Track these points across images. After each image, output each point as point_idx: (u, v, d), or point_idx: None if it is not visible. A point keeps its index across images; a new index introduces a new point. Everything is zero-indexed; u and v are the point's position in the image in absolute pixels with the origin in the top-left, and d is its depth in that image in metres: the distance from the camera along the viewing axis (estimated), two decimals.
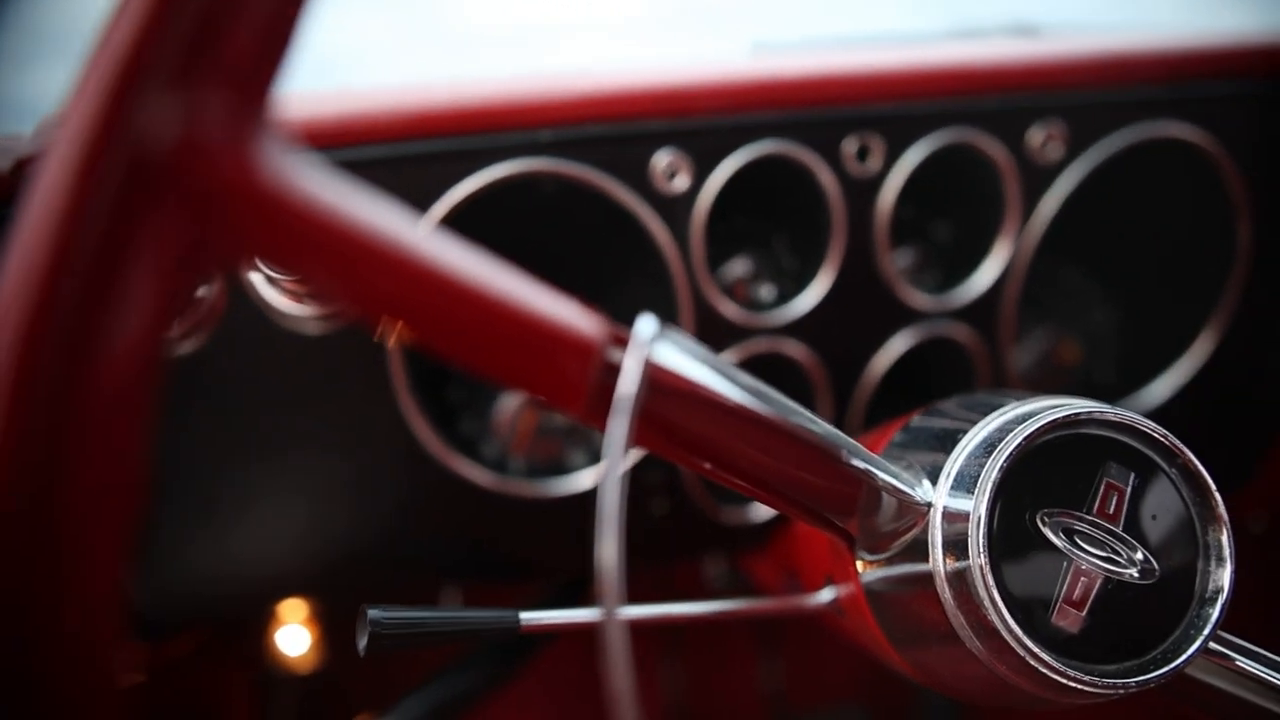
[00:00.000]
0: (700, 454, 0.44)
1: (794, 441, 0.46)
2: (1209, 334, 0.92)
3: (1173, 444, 0.50)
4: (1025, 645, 0.47)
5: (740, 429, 0.43)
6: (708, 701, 1.38)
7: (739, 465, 0.45)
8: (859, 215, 0.81)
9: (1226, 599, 0.49)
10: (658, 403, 0.41)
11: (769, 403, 0.46)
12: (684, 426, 0.42)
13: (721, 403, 0.42)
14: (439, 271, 0.35)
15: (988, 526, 0.49)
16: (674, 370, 0.41)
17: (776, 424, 0.45)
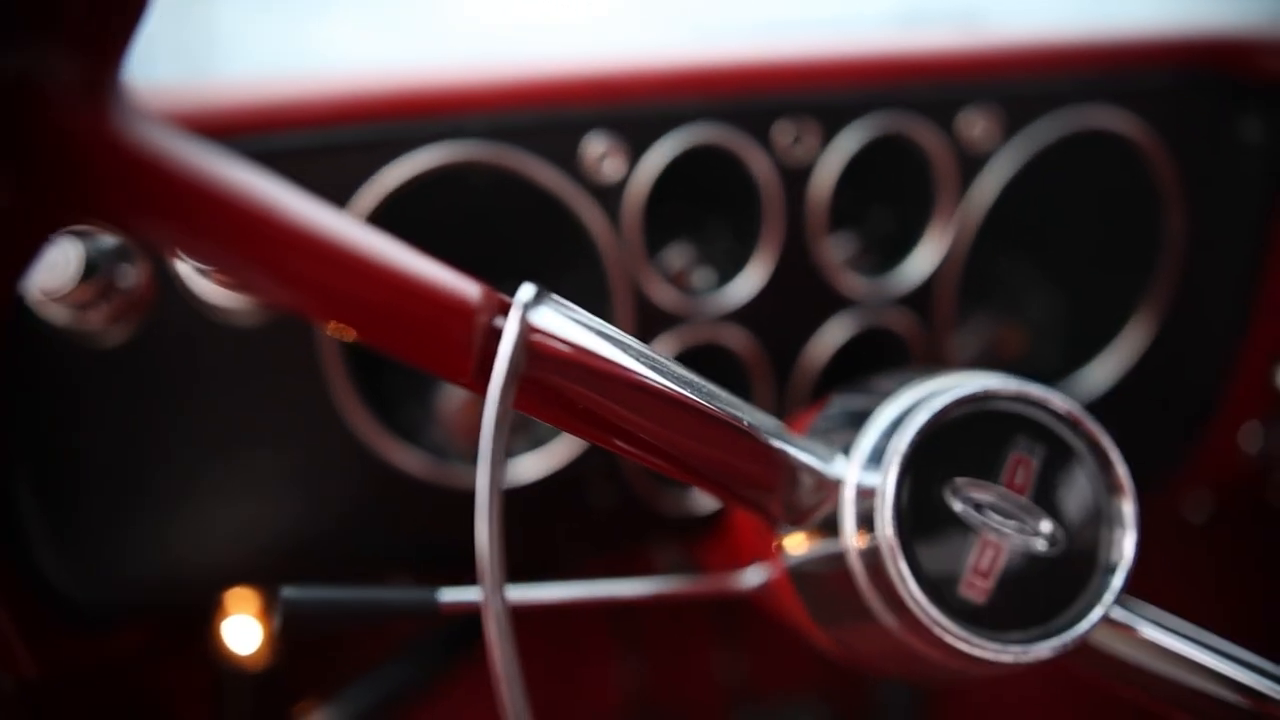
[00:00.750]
0: (594, 424, 0.44)
1: (696, 414, 0.46)
2: (1148, 320, 0.92)
3: (1077, 416, 0.51)
4: (932, 616, 0.48)
5: (634, 399, 0.43)
6: (668, 692, 1.38)
7: (638, 437, 0.45)
8: (794, 202, 0.81)
9: (1129, 567, 0.50)
10: (542, 369, 0.40)
11: (667, 374, 0.46)
12: (573, 394, 0.42)
13: (611, 370, 0.42)
14: (308, 231, 0.35)
15: (896, 501, 0.49)
16: (560, 335, 0.41)
17: (674, 395, 0.45)
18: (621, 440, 0.46)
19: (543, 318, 0.41)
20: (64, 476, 0.76)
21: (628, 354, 0.44)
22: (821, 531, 0.52)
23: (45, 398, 0.74)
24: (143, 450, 0.78)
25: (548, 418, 0.43)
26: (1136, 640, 0.52)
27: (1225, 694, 0.50)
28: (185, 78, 0.78)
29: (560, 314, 0.41)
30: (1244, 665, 0.50)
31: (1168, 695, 0.52)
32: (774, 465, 0.51)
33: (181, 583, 0.87)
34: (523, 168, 0.74)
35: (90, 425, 0.76)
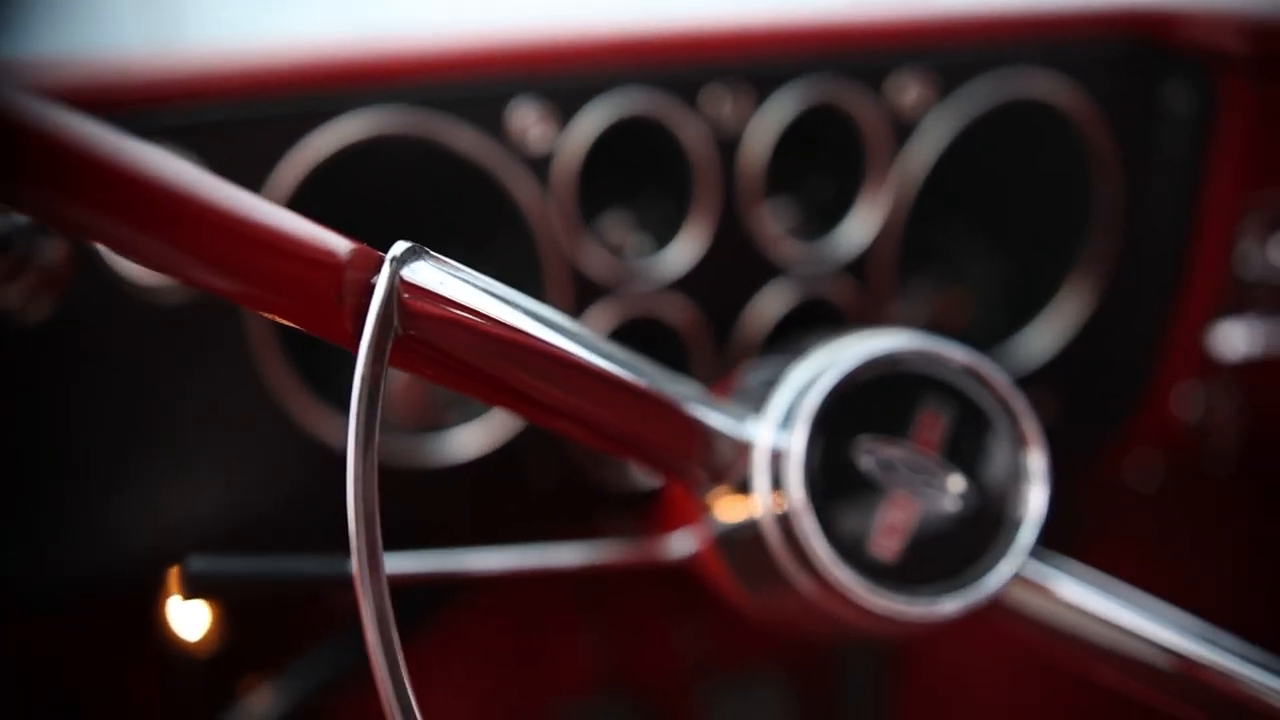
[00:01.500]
0: (485, 385, 0.43)
1: (594, 377, 0.46)
2: (1086, 286, 0.93)
3: (982, 371, 0.51)
4: (840, 575, 0.48)
5: (523, 358, 0.43)
6: (634, 667, 1.39)
7: (532, 398, 0.45)
8: (728, 170, 0.81)
9: (1039, 522, 0.50)
10: (421, 327, 0.40)
11: (566, 335, 0.45)
12: (458, 354, 0.41)
13: (496, 330, 0.41)
14: (167, 190, 0.34)
15: (805, 461, 0.49)
16: (439, 293, 0.40)
17: (568, 357, 0.44)
18: (515, 401, 0.45)
19: (420, 274, 0.40)
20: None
21: (516, 312, 0.43)
22: (739, 495, 0.52)
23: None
24: (71, 430, 0.77)
25: (435, 378, 0.43)
26: (1054, 598, 0.52)
27: (1144, 651, 0.50)
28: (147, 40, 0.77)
29: (440, 270, 0.40)
30: (1164, 622, 0.51)
31: (1088, 652, 0.52)
32: (687, 429, 0.50)
33: (121, 565, 0.87)
34: (448, 137, 0.74)
35: (14, 404, 0.74)
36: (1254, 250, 0.94)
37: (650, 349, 0.84)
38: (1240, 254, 0.94)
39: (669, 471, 0.53)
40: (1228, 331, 0.97)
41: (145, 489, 0.79)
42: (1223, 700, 0.49)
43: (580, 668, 1.36)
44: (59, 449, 0.77)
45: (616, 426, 0.48)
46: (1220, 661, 0.49)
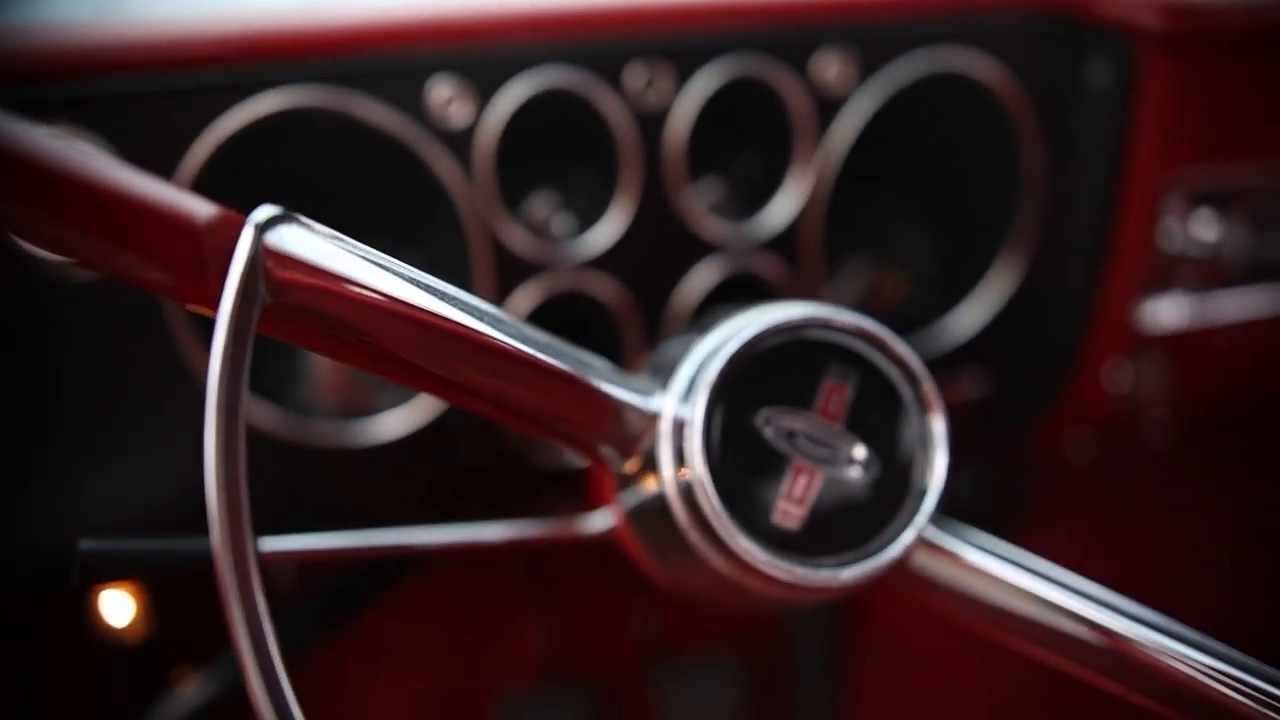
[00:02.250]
0: (365, 355, 0.43)
1: (484, 349, 0.45)
2: (1014, 262, 0.94)
3: (882, 338, 0.51)
4: (742, 544, 0.48)
5: (403, 328, 0.42)
6: (584, 651, 1.39)
7: (419, 369, 0.44)
8: (652, 147, 0.81)
9: (941, 489, 0.50)
10: (291, 295, 0.39)
11: (457, 305, 0.45)
12: (333, 322, 0.41)
13: (370, 298, 0.41)
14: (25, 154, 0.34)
15: (704, 431, 0.49)
16: (308, 259, 0.39)
17: (452, 327, 0.44)
18: (402, 373, 0.44)
19: (289, 239, 0.39)
20: None
21: (396, 280, 0.42)
22: (647, 468, 0.52)
23: None
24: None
25: (314, 347, 0.42)
26: (961, 564, 0.53)
27: (1050, 617, 0.51)
28: None
29: (310, 236, 0.40)
30: (1068, 590, 0.51)
31: (995, 617, 0.53)
32: (593, 403, 0.50)
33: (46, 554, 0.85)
34: (366, 113, 0.73)
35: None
36: (1176, 227, 0.95)
37: (581, 328, 0.84)
38: (1164, 230, 0.95)
39: (578, 446, 0.53)
40: (1154, 306, 0.98)
41: (63, 473, 0.78)
42: (1125, 663, 0.49)
43: (527, 655, 1.36)
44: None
45: (515, 399, 0.48)
46: (1122, 626, 0.49)
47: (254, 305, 0.38)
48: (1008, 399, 1.01)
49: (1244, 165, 0.96)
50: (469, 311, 0.45)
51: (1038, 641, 0.52)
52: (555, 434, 0.52)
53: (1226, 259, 0.95)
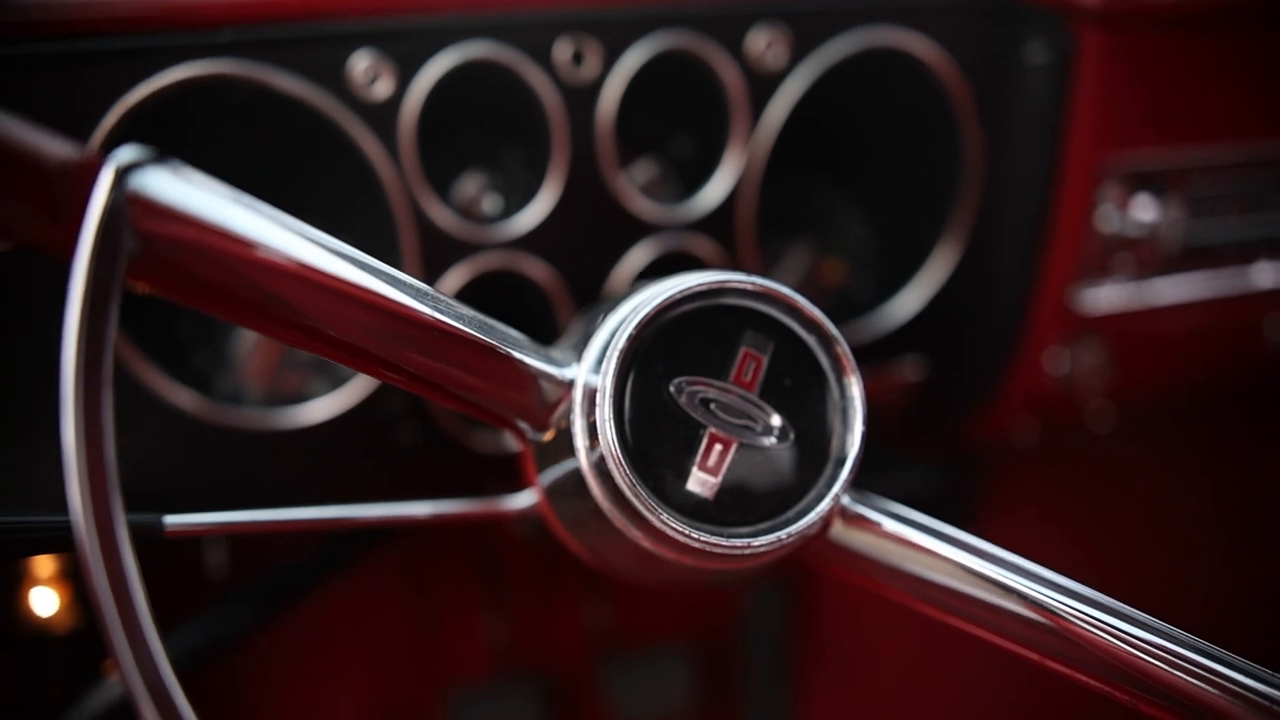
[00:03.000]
0: (246, 312, 0.41)
1: (379, 311, 0.44)
2: (954, 245, 0.93)
3: (806, 308, 0.50)
4: (655, 513, 0.47)
5: (285, 284, 0.40)
6: (535, 644, 1.37)
7: (309, 329, 0.42)
8: (581, 124, 0.80)
9: (857, 458, 0.50)
10: (162, 245, 0.37)
11: (354, 264, 0.43)
12: (209, 276, 0.39)
13: (249, 251, 0.39)
14: None
15: (616, 399, 0.48)
16: (183, 208, 0.37)
17: (346, 283, 0.42)
18: (290, 334, 0.42)
19: (157, 184, 0.37)
20: None
21: (281, 231, 0.40)
22: (563, 439, 0.51)
23: None
24: None
25: (191, 302, 0.40)
26: (881, 534, 0.52)
27: (972, 587, 0.50)
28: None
29: (182, 181, 0.38)
30: (991, 559, 0.51)
31: (917, 591, 0.52)
32: (504, 371, 0.49)
33: None
34: (283, 84, 0.71)
35: None
36: (1114, 212, 0.95)
37: (517, 310, 0.83)
38: (1102, 214, 0.95)
39: (492, 418, 0.52)
40: (1093, 290, 0.98)
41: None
42: (1047, 632, 0.49)
43: (480, 649, 1.34)
44: None
45: (418, 365, 0.46)
46: (1045, 596, 0.49)
47: (118, 256, 0.36)
48: (949, 384, 1.01)
49: (1180, 149, 0.96)
50: (362, 268, 0.44)
51: (960, 613, 0.51)
52: (466, 404, 0.50)
53: (1163, 241, 0.96)
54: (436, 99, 0.76)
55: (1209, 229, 1.00)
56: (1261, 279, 1.05)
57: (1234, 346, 1.10)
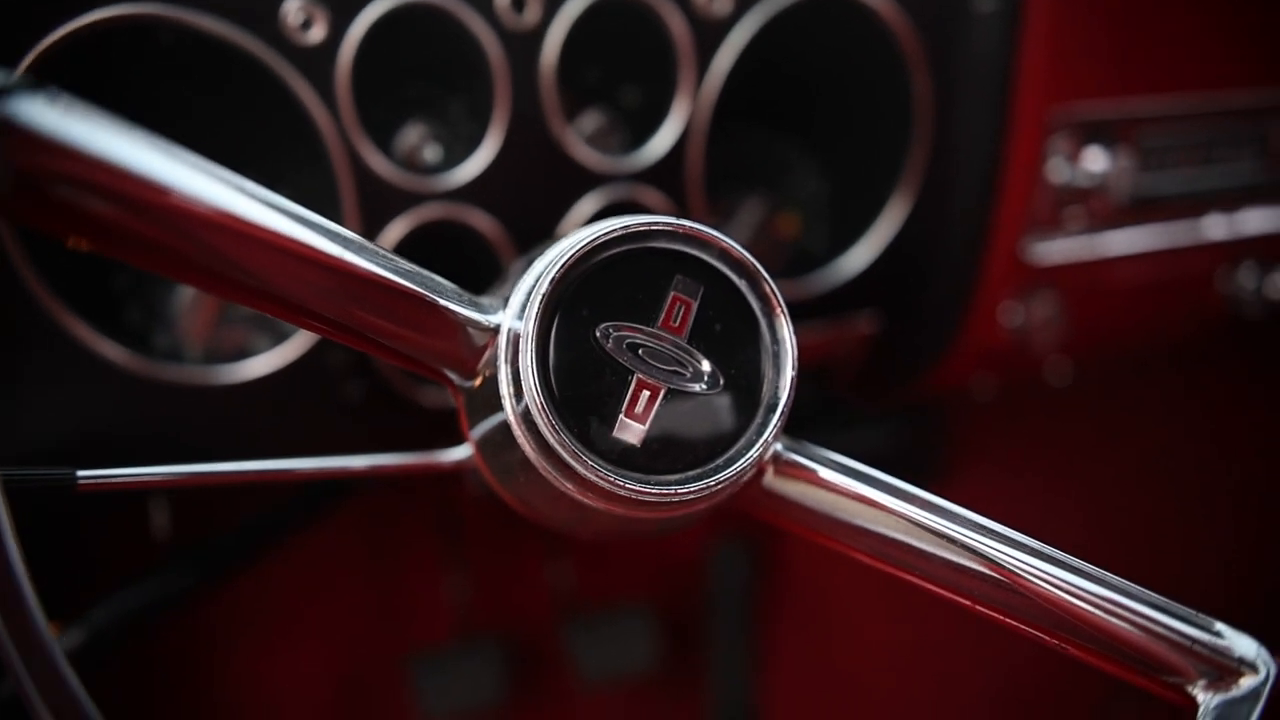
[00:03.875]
0: (141, 252, 0.39)
1: (291, 252, 0.42)
2: (905, 197, 0.93)
3: (734, 250, 0.50)
4: (577, 457, 0.46)
5: (180, 222, 0.38)
6: (497, 605, 1.37)
7: (214, 271, 0.41)
8: (524, 72, 0.78)
9: (787, 404, 0.49)
10: (41, 180, 0.35)
11: (259, 201, 0.42)
12: (96, 214, 0.36)
13: (140, 188, 0.37)
14: None
15: (539, 344, 0.47)
16: (62, 139, 0.35)
17: (248, 224, 0.41)
18: (182, 270, 0.40)
19: (34, 113, 0.34)
20: None
21: (175, 165, 0.38)
22: (489, 386, 0.50)
23: None
24: None
25: (77, 241, 0.38)
26: (816, 482, 0.51)
27: (900, 534, 0.50)
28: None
29: (63, 110, 0.35)
30: (920, 504, 0.50)
31: (850, 537, 0.51)
32: (427, 317, 0.48)
33: None
34: (211, 27, 0.69)
35: None
36: (1065, 164, 0.95)
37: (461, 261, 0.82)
38: (1053, 166, 0.95)
39: (418, 366, 0.51)
40: (1045, 242, 0.98)
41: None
42: (987, 581, 0.49)
43: (441, 611, 1.34)
44: None
45: (332, 310, 0.45)
46: (972, 538, 0.49)
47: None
48: (904, 337, 1.01)
49: (1131, 100, 0.96)
50: (272, 208, 0.42)
51: (893, 560, 0.51)
52: (391, 352, 0.49)
53: (1113, 192, 0.96)
54: (373, 45, 0.74)
55: (1159, 181, 1.00)
56: (1212, 231, 1.05)
57: (1186, 298, 1.11)
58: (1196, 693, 0.48)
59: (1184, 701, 0.48)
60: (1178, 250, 1.04)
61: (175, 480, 0.58)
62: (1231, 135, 1.03)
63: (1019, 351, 1.04)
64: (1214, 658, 0.47)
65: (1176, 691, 0.48)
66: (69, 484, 0.53)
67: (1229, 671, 0.47)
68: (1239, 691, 0.47)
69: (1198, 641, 0.47)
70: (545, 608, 1.38)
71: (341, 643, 1.31)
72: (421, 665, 1.26)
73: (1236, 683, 0.47)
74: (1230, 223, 1.06)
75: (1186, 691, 0.48)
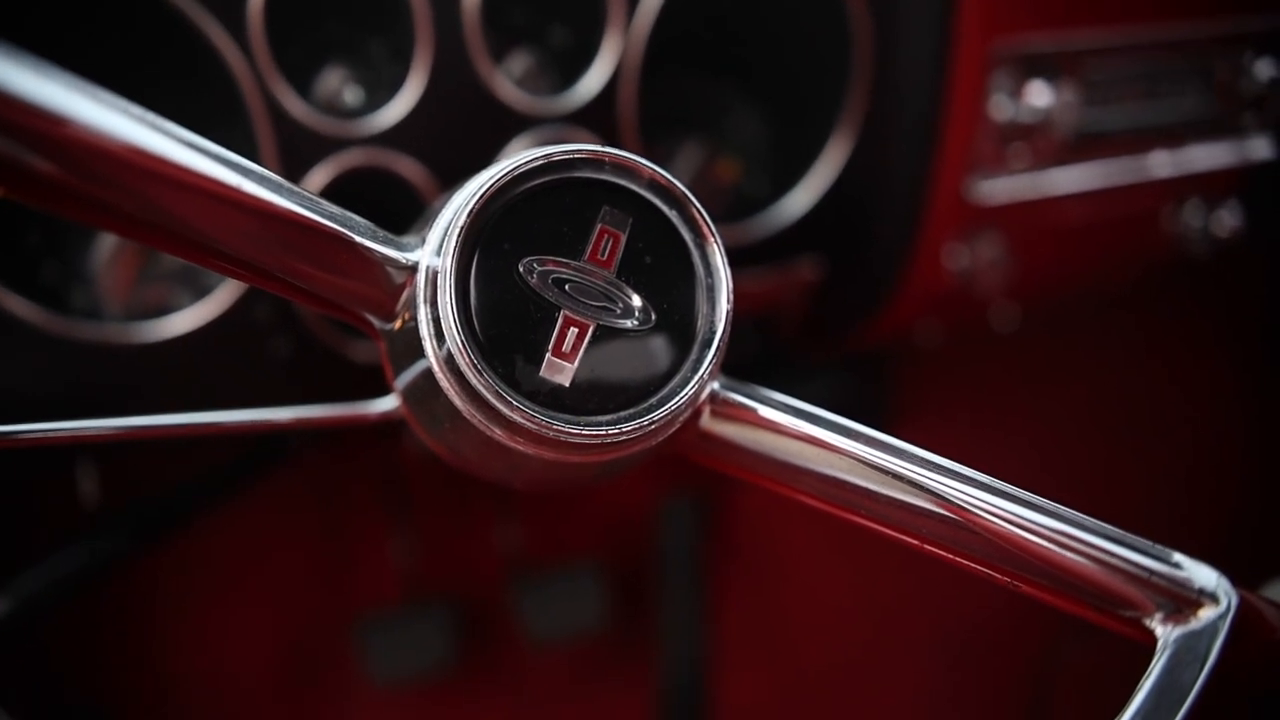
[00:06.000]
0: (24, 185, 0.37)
1: (179, 181, 0.40)
2: (845, 138, 0.91)
3: (662, 177, 0.47)
4: (502, 399, 0.44)
5: (67, 148, 0.36)
6: (445, 566, 1.36)
7: (104, 203, 0.39)
8: (446, 11, 0.75)
9: (723, 339, 0.47)
10: None
11: (147, 126, 0.39)
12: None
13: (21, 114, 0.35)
14: None
15: (459, 281, 0.45)
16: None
17: (136, 149, 0.38)
18: (84, 210, 0.38)
19: None
20: None
21: (87, 100, 0.36)
22: (409, 329, 0.48)
23: None
24: None
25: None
26: (756, 421, 0.50)
27: (842, 472, 0.48)
28: None
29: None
30: (861, 439, 0.49)
31: (792, 478, 0.50)
32: (340, 255, 0.45)
33: None
34: None
35: None
36: (1008, 101, 0.94)
37: (389, 209, 0.79)
38: (996, 102, 0.94)
39: (333, 308, 0.48)
40: (989, 181, 0.97)
41: None
42: (933, 516, 0.47)
43: (386, 573, 1.32)
44: None
45: (237, 247, 0.43)
46: (914, 471, 0.47)
47: None
48: (847, 282, 1.00)
49: (1074, 32, 0.94)
50: (171, 136, 0.40)
51: (837, 499, 0.49)
52: (304, 294, 0.47)
53: (1057, 127, 0.94)
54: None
55: (1103, 116, 0.99)
56: (1157, 169, 1.04)
57: (1133, 238, 1.11)
58: (1155, 626, 0.46)
59: (1142, 636, 0.46)
60: (1123, 188, 1.03)
61: (91, 435, 0.56)
62: (1177, 68, 1.02)
63: (964, 295, 1.03)
64: (1172, 589, 0.46)
65: (1134, 626, 0.46)
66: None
67: (1188, 603, 0.46)
68: (1199, 623, 0.45)
69: (1155, 573, 0.46)
70: (494, 568, 1.37)
71: (287, 607, 1.29)
72: (369, 628, 1.24)
73: (1196, 614, 0.46)
74: (1176, 159, 1.05)
75: (1144, 625, 0.46)
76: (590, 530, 1.42)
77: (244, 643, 1.28)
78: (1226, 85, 1.04)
